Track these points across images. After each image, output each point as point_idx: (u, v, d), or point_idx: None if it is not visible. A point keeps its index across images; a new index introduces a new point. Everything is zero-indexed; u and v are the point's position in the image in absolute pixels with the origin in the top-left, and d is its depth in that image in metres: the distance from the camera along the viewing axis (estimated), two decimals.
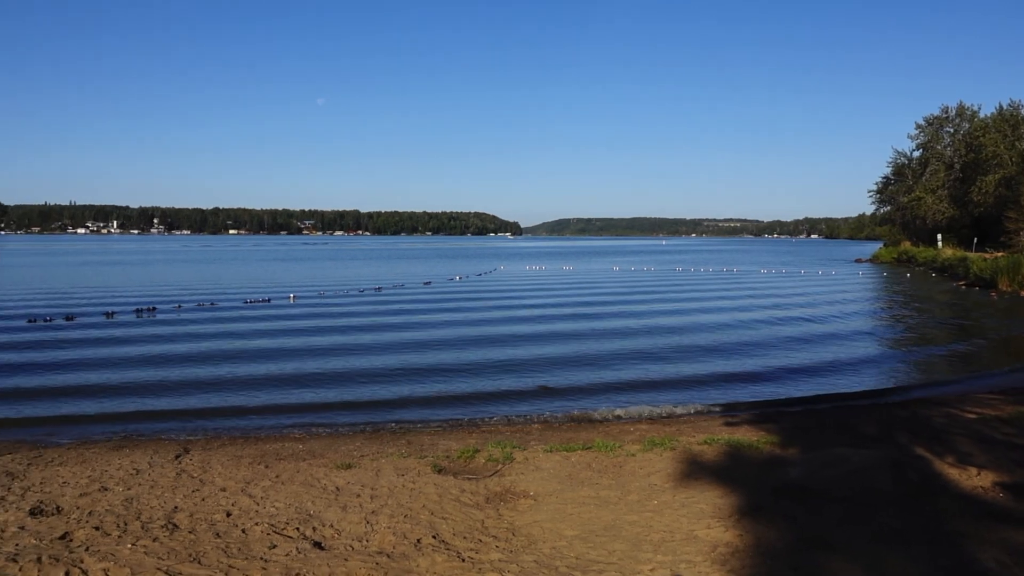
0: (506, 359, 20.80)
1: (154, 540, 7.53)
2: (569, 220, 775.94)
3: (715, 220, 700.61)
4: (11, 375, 18.24)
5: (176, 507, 8.64)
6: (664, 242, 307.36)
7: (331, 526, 8.00)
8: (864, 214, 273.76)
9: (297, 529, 7.87)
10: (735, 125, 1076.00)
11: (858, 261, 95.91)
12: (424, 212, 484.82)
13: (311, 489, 9.37)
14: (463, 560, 7.03)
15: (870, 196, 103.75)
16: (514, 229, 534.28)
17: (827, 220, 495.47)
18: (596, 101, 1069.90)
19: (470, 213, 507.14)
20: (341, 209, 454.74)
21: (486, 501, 8.96)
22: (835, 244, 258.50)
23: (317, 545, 7.44)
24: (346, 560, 7.01)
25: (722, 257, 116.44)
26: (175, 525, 8.00)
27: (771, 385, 17.91)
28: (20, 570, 6.73)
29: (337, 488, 9.40)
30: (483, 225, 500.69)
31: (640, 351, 22.41)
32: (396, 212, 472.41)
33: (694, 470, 10.11)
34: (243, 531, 7.79)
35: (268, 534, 7.70)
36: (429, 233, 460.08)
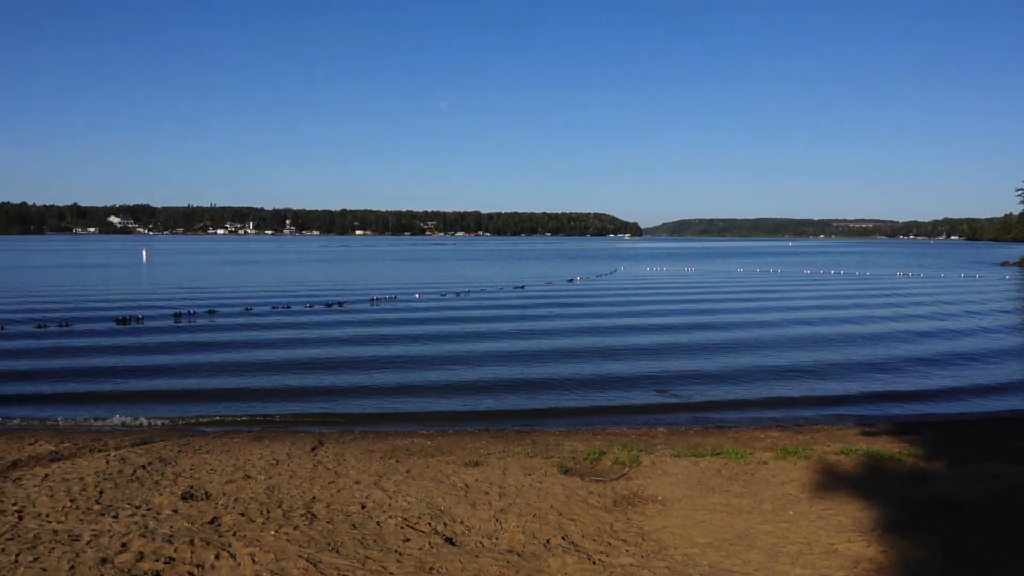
0: (629, 360, 20.61)
1: (295, 528, 7.85)
2: (690, 221, 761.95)
3: (845, 220, 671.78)
4: (161, 365, 19.43)
5: (314, 497, 8.98)
6: (791, 243, 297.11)
7: (461, 522, 8.12)
8: (1011, 214, 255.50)
9: (429, 524, 8.02)
10: (867, 120, 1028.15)
11: (1005, 264, 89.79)
12: (543, 213, 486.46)
13: (441, 485, 9.54)
14: (594, 563, 6.99)
15: (1019, 194, 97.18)
16: (633, 230, 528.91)
17: (969, 220, 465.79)
18: (720, 98, 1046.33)
19: (589, 214, 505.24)
20: (462, 210, 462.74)
21: (614, 504, 8.88)
22: (978, 246, 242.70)
23: (449, 541, 7.56)
24: (477, 557, 7.09)
25: (853, 259, 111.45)
26: (313, 515, 8.31)
27: (914, 403, 16.70)
28: (175, 551, 7.15)
29: (466, 485, 9.53)
30: (602, 226, 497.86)
31: (768, 354, 21.73)
32: (516, 213, 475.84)
33: (831, 481, 9.70)
34: (378, 523, 8.01)
35: (401, 528, 7.89)
36: (548, 234, 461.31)
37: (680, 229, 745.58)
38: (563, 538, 7.65)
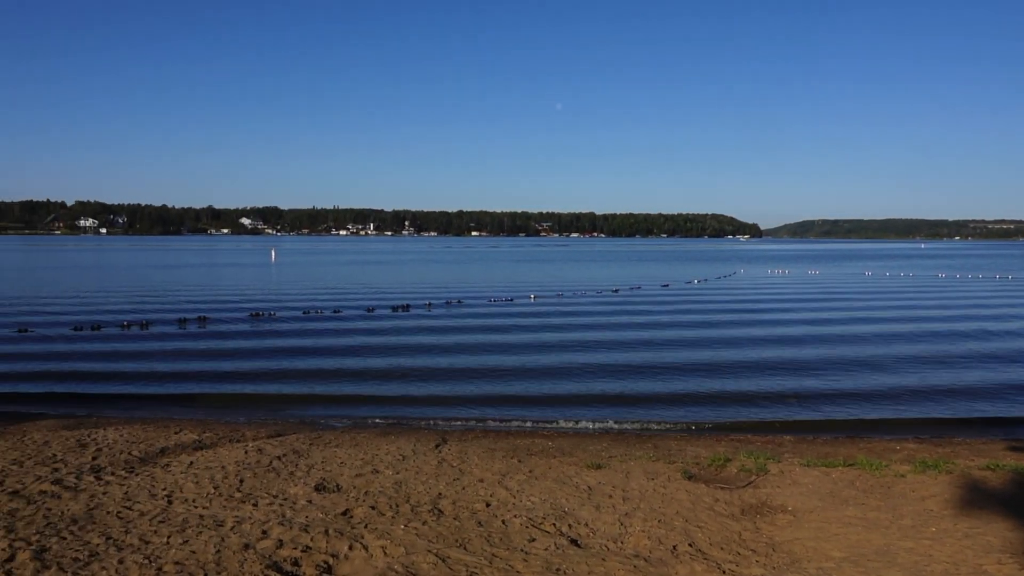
0: (751, 364, 20.06)
1: (423, 523, 8.02)
2: (813, 222, 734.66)
3: (983, 221, 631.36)
4: (286, 361, 20.27)
5: (440, 494, 9.16)
6: (923, 245, 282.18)
7: (586, 524, 8.10)
8: None
9: (554, 525, 8.04)
10: (1006, 114, 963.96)
11: None
12: (659, 214, 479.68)
13: (564, 486, 9.55)
14: (723, 572, 6.84)
15: None
16: (753, 231, 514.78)
17: None
18: (844, 94, 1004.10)
19: (707, 215, 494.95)
20: (577, 211, 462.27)
21: (741, 512, 8.66)
22: None
23: (574, 542, 7.56)
24: (604, 560, 7.06)
25: (993, 263, 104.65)
26: (440, 511, 8.48)
27: None
28: (311, 540, 7.44)
29: (589, 487, 9.51)
30: (720, 227, 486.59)
31: (903, 360, 20.71)
32: (631, 214, 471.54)
33: (976, 497, 9.15)
34: (503, 522, 8.09)
35: (527, 527, 7.94)
36: (664, 235, 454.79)
37: (802, 230, 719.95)
38: (690, 545, 7.52)
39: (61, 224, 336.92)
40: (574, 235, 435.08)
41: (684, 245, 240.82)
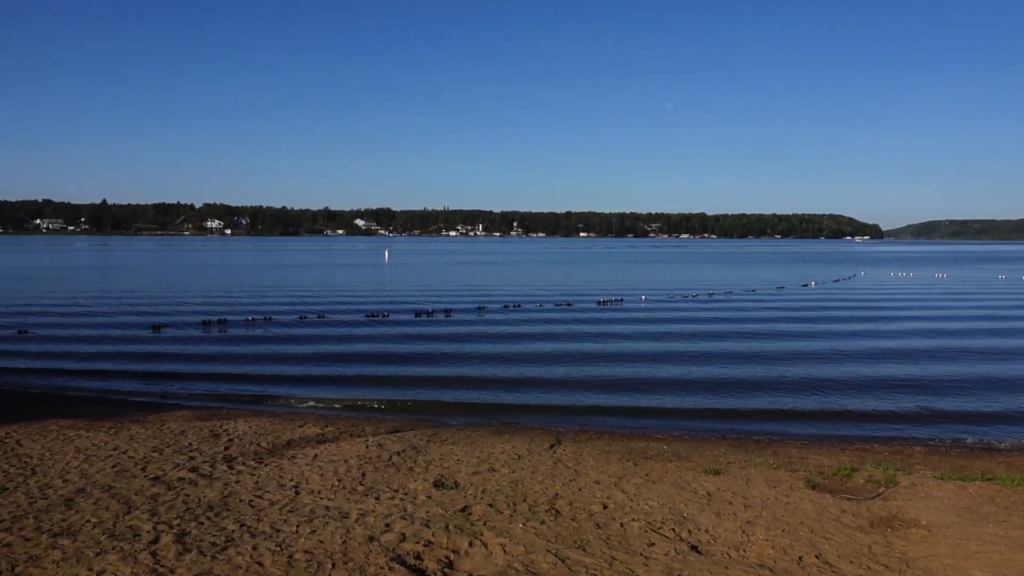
0: (876, 372, 19.22)
1: (541, 523, 8.05)
2: (940, 222, 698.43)
3: None
4: (406, 359, 20.73)
5: (556, 494, 9.17)
6: None
7: (706, 531, 7.94)
8: None
9: (673, 530, 7.92)
10: None
11: None
12: (773, 214, 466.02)
13: (682, 491, 9.40)
14: None
15: None
16: (873, 232, 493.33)
17: None
18: (977, 83, 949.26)
19: (824, 215, 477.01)
20: (687, 212, 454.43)
21: (870, 525, 8.30)
22: None
23: (694, 548, 7.43)
24: (726, 568, 6.91)
25: None
26: (557, 511, 8.49)
27: None
28: (433, 536, 7.58)
29: (708, 493, 9.32)
30: (838, 228, 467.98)
31: None
32: (744, 215, 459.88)
33: None
34: (621, 525, 8.03)
35: (645, 531, 7.85)
36: (778, 236, 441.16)
37: (927, 231, 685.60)
38: (817, 556, 7.26)
39: (190, 225, 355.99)
40: (684, 236, 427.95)
41: (799, 246, 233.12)
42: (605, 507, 8.67)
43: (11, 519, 7.89)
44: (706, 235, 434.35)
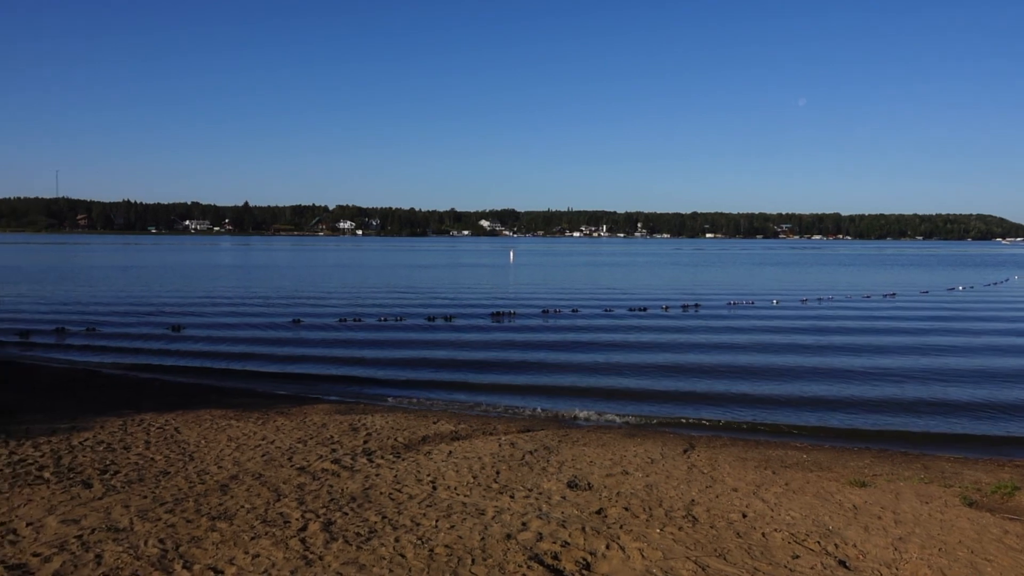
0: None
1: (679, 529, 7.91)
2: None
3: None
4: (531, 358, 20.86)
5: (693, 500, 8.99)
6: None
7: (854, 546, 7.59)
8: None
9: (818, 543, 7.62)
10: None
11: None
12: (914, 215, 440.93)
13: (825, 503, 9.03)
14: None
15: None
16: None
17: None
18: None
19: (970, 215, 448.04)
20: (820, 212, 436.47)
21: None
22: None
23: (842, 564, 7.11)
24: None
25: None
26: (695, 518, 8.32)
27: None
28: (569, 536, 7.58)
29: (854, 506, 8.91)
30: (987, 229, 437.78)
31: None
32: (881, 215, 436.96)
33: None
34: (763, 535, 7.79)
35: (789, 543, 7.58)
36: (920, 238, 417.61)
37: None
38: None
39: (324, 226, 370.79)
40: (816, 237, 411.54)
41: (944, 248, 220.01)
42: (744, 516, 8.43)
43: (174, 501, 8.42)
44: (840, 236, 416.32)
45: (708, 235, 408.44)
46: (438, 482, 9.51)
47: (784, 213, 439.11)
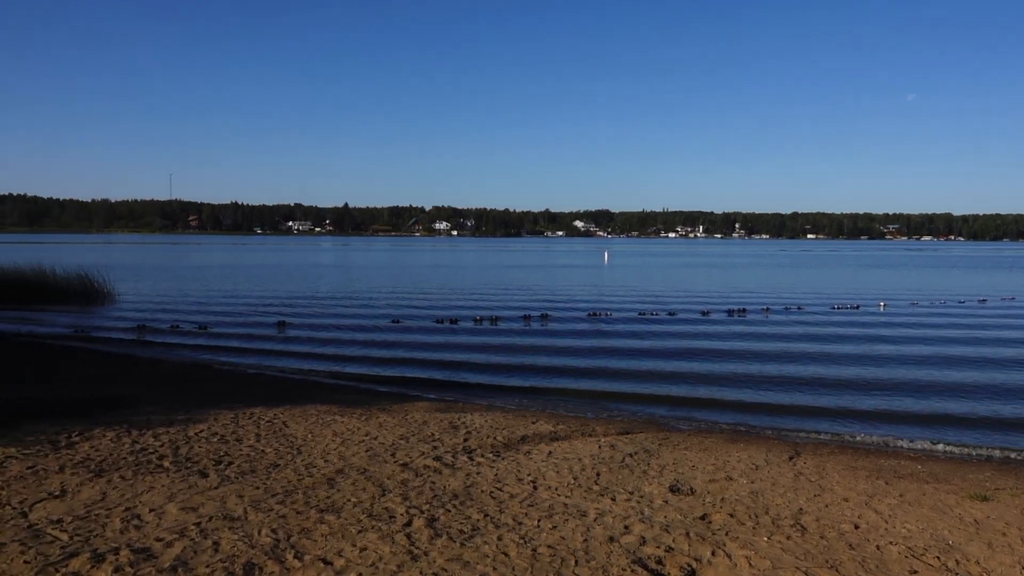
0: None
1: (787, 538, 7.68)
2: None
3: None
4: (630, 361, 20.67)
5: (801, 509, 8.72)
6: None
7: (977, 563, 7.21)
8: None
9: (938, 558, 7.27)
10: None
11: None
12: None
13: (944, 516, 8.61)
14: None
15: None
16: None
17: None
18: None
19: None
20: (930, 212, 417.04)
21: None
22: None
23: None
24: None
25: None
26: (803, 527, 8.06)
27: None
28: (673, 541, 7.46)
29: (975, 521, 8.47)
30: None
31: None
32: (997, 215, 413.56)
33: None
34: (877, 548, 7.48)
35: (906, 557, 7.26)
36: None
37: None
38: None
39: (420, 226, 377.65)
40: (926, 238, 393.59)
41: None
42: (856, 527, 8.12)
43: (284, 493, 8.69)
44: (951, 237, 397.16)
45: (809, 236, 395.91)
46: (538, 482, 9.51)
47: (891, 213, 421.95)
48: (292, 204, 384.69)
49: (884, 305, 36.82)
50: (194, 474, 9.38)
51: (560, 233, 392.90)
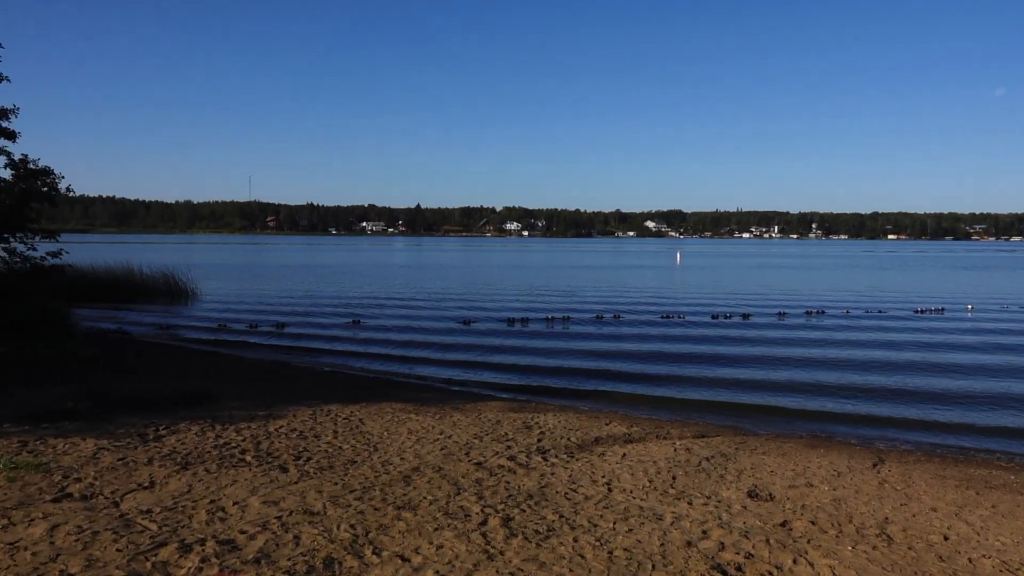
0: None
1: (872, 548, 7.44)
2: None
3: None
4: (703, 366, 20.35)
5: (886, 518, 8.43)
6: None
7: None
8: None
9: None
10: None
11: None
12: None
13: None
14: None
15: None
16: None
17: None
18: None
19: None
20: (1020, 212, 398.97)
21: None
22: None
23: None
24: None
25: None
26: (889, 537, 7.80)
27: None
28: (753, 548, 7.31)
29: None
30: None
31: None
32: None
33: None
34: (969, 560, 7.19)
35: (1001, 571, 6.96)
36: None
37: None
38: None
39: (491, 227, 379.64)
40: (1015, 239, 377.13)
41: None
42: (946, 538, 7.81)
43: (361, 489, 8.82)
44: None
45: (890, 237, 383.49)
46: (613, 484, 9.43)
47: (978, 213, 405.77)
48: (366, 205, 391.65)
49: (972, 308, 35.43)
50: (275, 469, 9.60)
51: (631, 234, 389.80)
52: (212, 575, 6.33)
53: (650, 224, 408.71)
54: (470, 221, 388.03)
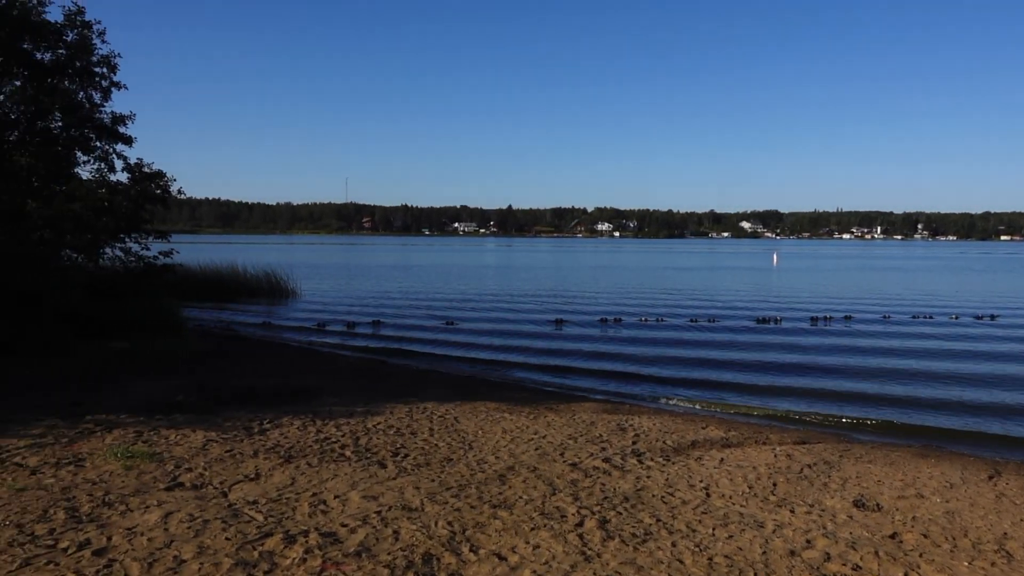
0: None
1: (991, 564, 7.06)
2: None
3: None
4: (804, 371, 19.74)
5: (1005, 533, 7.99)
6: None
7: None
8: None
9: None
10: None
11: None
12: None
13: None
14: None
15: None
16: None
17: None
18: None
19: None
20: None
21: None
22: None
23: None
24: None
25: None
26: (1009, 553, 7.39)
27: None
28: (861, 559, 7.04)
29: None
30: None
31: None
32: None
33: None
34: None
35: None
36: None
37: None
38: None
39: (582, 228, 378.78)
40: None
41: None
42: None
43: (458, 487, 8.91)
44: None
45: (1003, 237, 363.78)
46: (711, 489, 9.25)
47: None
48: (458, 206, 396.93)
49: None
50: (374, 464, 9.79)
51: (725, 234, 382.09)
52: (316, 566, 6.50)
53: (745, 225, 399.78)
54: (561, 222, 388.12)
